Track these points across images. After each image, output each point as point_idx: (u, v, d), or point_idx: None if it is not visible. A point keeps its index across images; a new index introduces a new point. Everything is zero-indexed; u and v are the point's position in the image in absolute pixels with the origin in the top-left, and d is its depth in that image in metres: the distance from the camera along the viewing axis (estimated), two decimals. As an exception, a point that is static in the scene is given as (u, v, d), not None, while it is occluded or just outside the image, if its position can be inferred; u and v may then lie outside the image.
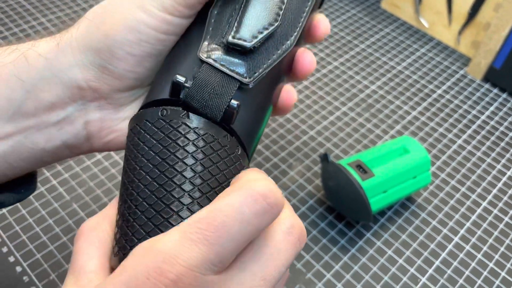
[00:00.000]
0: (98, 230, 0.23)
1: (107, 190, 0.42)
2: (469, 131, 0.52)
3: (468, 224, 0.44)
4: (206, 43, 0.23)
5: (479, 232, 0.43)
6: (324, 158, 0.42)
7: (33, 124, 0.25)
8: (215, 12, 0.24)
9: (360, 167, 0.40)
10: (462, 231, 0.43)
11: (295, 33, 0.24)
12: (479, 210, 0.45)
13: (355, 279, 0.39)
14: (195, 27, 0.24)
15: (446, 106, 0.55)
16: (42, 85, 0.24)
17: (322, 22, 0.27)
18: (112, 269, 0.22)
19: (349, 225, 0.43)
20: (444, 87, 0.57)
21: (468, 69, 0.60)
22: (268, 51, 0.23)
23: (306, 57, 0.27)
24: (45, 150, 0.26)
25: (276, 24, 0.23)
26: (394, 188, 0.41)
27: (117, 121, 0.27)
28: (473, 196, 0.46)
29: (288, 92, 0.27)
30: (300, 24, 0.24)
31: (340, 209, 0.42)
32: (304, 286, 0.38)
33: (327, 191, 0.42)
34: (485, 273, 0.40)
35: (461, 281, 0.39)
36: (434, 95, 0.56)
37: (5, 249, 0.38)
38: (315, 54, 0.60)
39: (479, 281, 0.40)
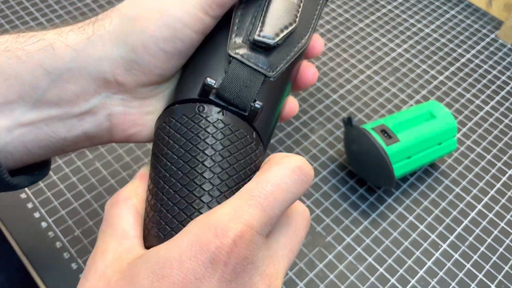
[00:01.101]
0: (133, 200, 0.24)
1: (136, 157, 0.43)
2: (498, 97, 0.51)
3: (492, 192, 0.43)
4: (233, 41, 0.25)
5: (503, 201, 0.42)
6: (348, 122, 0.41)
7: (55, 113, 0.25)
8: (239, 13, 0.26)
9: (385, 132, 0.39)
10: (485, 199, 0.42)
11: (309, 33, 0.27)
12: (504, 178, 0.44)
13: (375, 243, 0.39)
14: (220, 29, 0.26)
15: (475, 71, 0.53)
16: (68, 76, 0.24)
17: (317, 41, 0.30)
18: (148, 248, 0.22)
19: (370, 190, 0.42)
20: (473, 51, 0.55)
21: (499, 33, 0.57)
22: (287, 48, 0.26)
23: (310, 70, 0.30)
24: (65, 139, 0.26)
25: (294, 24, 0.26)
26: (418, 154, 0.40)
27: (140, 115, 0.27)
28: (499, 164, 0.45)
29: (290, 102, 0.30)
30: (312, 24, 0.27)
31: (362, 174, 0.41)
32: (323, 249, 0.38)
33: (349, 155, 0.42)
34: (507, 241, 0.40)
35: (482, 248, 0.39)
36: (463, 60, 0.54)
37: (30, 205, 0.38)
38: (340, 14, 0.58)
39: (501, 249, 0.39)
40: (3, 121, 0.24)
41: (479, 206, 0.42)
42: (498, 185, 0.43)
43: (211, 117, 0.24)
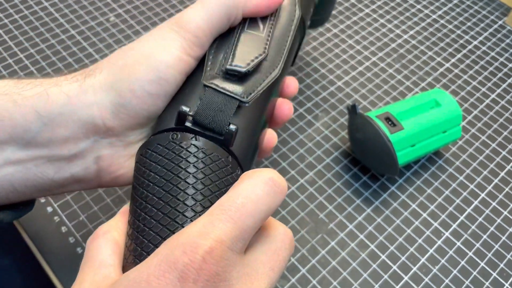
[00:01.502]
0: (113, 233, 0.25)
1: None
2: (504, 85, 0.50)
3: (496, 181, 0.43)
4: (207, 73, 0.27)
5: (507, 189, 0.42)
6: (352, 109, 0.41)
7: (44, 154, 0.26)
8: (212, 51, 0.28)
9: (389, 120, 0.39)
10: (489, 187, 0.42)
11: (280, 63, 0.29)
12: (508, 167, 0.44)
13: (377, 231, 0.39)
14: (196, 69, 0.28)
15: (482, 58, 0.53)
16: (60, 120, 0.26)
17: (292, 83, 0.32)
18: None
19: (373, 177, 0.42)
20: (480, 38, 0.55)
21: (507, 20, 0.56)
22: (260, 77, 0.27)
23: (285, 106, 0.31)
24: (53, 180, 0.27)
25: (264, 54, 0.28)
26: (422, 142, 0.40)
27: (125, 158, 0.28)
28: (504, 152, 0.45)
29: (270, 134, 0.31)
30: (283, 56, 0.29)
31: (366, 162, 0.41)
32: (326, 235, 0.39)
33: (353, 143, 0.42)
34: (510, 229, 0.40)
35: (485, 236, 0.39)
36: (470, 46, 0.54)
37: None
38: None
39: (503, 238, 0.39)
40: None
41: (483, 195, 0.42)
42: (502, 174, 0.43)
43: (184, 142, 0.24)
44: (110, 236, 0.25)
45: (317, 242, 0.38)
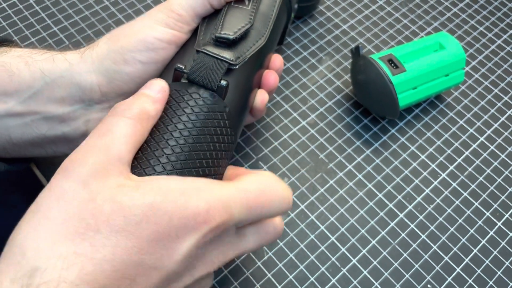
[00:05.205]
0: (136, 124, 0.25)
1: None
2: (511, 31, 0.50)
3: (496, 125, 0.43)
4: (199, 41, 0.30)
5: (506, 134, 0.43)
6: (356, 51, 0.41)
7: (41, 110, 0.29)
8: (204, 24, 0.31)
9: (392, 62, 0.39)
10: (489, 131, 0.43)
11: (266, 33, 0.32)
12: (509, 112, 0.44)
13: (375, 171, 0.40)
14: (191, 38, 0.31)
15: (491, 3, 0.52)
16: (60, 82, 0.29)
17: (277, 59, 0.36)
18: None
19: (374, 120, 0.43)
20: (491, -17, 0.53)
21: (521, -36, 0.55)
22: (248, 44, 0.31)
23: (271, 75, 0.34)
24: (46, 136, 0.30)
25: (250, 24, 0.31)
26: (425, 84, 0.40)
27: None
28: (506, 98, 0.45)
29: (261, 94, 0.34)
30: (269, 26, 0.33)
31: (367, 105, 0.42)
32: (325, 174, 0.40)
33: (356, 86, 0.42)
34: (506, 172, 0.41)
35: (481, 178, 0.40)
36: (479, -9, 0.53)
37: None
38: None
39: (499, 180, 0.40)
40: None
41: (482, 138, 0.42)
42: (502, 118, 0.44)
43: (183, 90, 0.28)
44: (133, 125, 0.25)
45: (317, 180, 0.39)
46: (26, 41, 0.46)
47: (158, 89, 0.27)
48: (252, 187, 0.25)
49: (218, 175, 0.28)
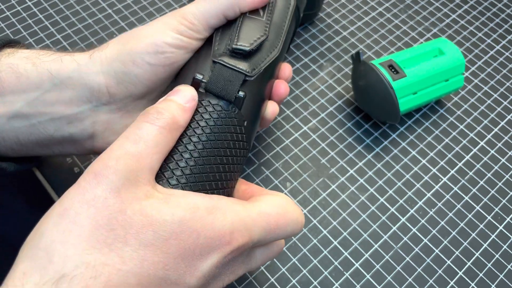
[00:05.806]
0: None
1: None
2: (510, 37, 0.50)
3: (496, 130, 0.44)
4: (215, 52, 0.30)
5: (506, 138, 0.43)
6: (356, 57, 0.41)
7: (49, 111, 0.29)
8: (219, 34, 0.31)
9: (392, 67, 0.40)
10: (489, 136, 0.43)
11: (279, 44, 0.32)
12: (509, 117, 0.44)
13: (377, 176, 0.40)
14: (205, 47, 0.31)
15: (489, 10, 0.52)
16: (68, 82, 0.29)
17: (286, 68, 0.36)
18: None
19: (375, 125, 0.43)
20: (489, -11, 0.54)
21: (518, -30, 0.55)
22: (262, 55, 0.31)
23: (282, 85, 0.34)
24: (53, 137, 0.30)
25: (265, 36, 0.31)
26: (425, 90, 0.41)
27: (120, 126, 0.31)
28: (505, 103, 0.45)
29: (273, 107, 0.34)
30: (282, 38, 0.33)
31: (368, 110, 0.42)
32: (327, 179, 0.40)
33: (357, 91, 0.43)
34: (507, 176, 0.41)
35: (482, 182, 0.41)
36: (478, -2, 0.53)
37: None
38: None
39: (500, 183, 0.41)
40: (4, 108, 0.28)
41: (482, 143, 0.43)
42: (502, 123, 0.44)
43: (203, 100, 0.28)
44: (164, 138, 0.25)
45: (319, 185, 0.40)
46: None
47: (188, 98, 0.27)
48: (273, 211, 0.26)
49: (231, 188, 0.28)
